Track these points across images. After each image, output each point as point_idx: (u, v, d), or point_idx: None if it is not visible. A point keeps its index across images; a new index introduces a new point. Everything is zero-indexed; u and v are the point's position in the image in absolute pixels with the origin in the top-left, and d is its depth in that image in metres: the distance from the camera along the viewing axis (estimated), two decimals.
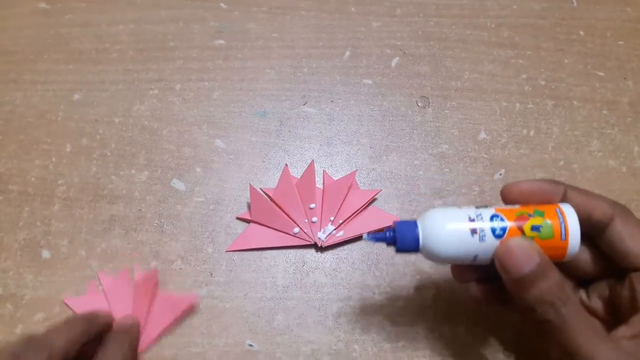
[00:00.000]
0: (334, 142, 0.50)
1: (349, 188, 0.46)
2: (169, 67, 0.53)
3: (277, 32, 0.55)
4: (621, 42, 0.55)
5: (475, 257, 0.32)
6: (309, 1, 0.57)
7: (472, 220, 0.32)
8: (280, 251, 0.45)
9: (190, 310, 0.43)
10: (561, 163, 0.49)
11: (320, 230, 0.45)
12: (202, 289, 0.44)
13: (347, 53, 0.54)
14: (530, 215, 0.32)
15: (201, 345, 0.42)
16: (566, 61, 0.54)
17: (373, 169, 0.49)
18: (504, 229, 0.31)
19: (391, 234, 0.33)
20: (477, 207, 0.33)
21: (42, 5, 0.56)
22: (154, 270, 0.44)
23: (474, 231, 0.32)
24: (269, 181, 0.48)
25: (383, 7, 0.56)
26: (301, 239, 0.45)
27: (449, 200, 0.47)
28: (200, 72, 0.53)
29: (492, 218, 0.32)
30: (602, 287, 0.34)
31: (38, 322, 0.43)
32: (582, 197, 0.33)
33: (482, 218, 0.32)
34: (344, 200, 0.46)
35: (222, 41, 0.54)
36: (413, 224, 0.33)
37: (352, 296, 0.44)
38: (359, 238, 0.46)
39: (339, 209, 0.45)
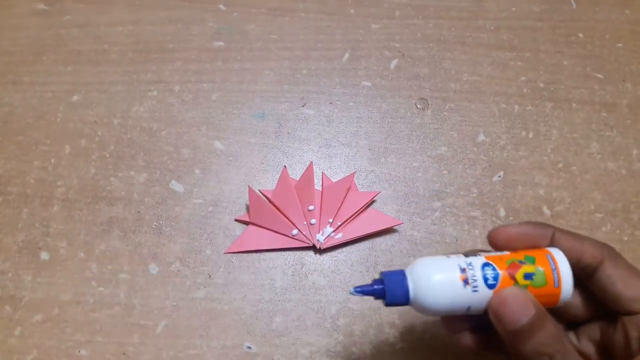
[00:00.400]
0: (332, 144, 0.50)
1: (348, 190, 0.46)
2: (168, 68, 0.53)
3: (276, 34, 0.55)
4: (620, 44, 0.55)
5: (469, 308, 0.31)
6: (308, 3, 0.57)
7: (462, 270, 0.31)
8: (278, 253, 0.45)
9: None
10: (560, 165, 0.49)
11: (319, 232, 0.45)
12: (200, 290, 0.44)
13: (346, 55, 0.54)
14: (521, 263, 0.31)
15: (199, 347, 0.42)
16: (565, 63, 0.54)
17: (372, 170, 0.49)
18: (496, 278, 0.30)
19: (379, 286, 0.32)
20: (466, 255, 0.32)
21: (41, 6, 0.56)
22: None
23: (466, 282, 0.30)
24: (268, 183, 0.48)
25: (382, 9, 0.56)
26: (300, 241, 0.45)
27: (447, 202, 0.47)
28: (199, 73, 0.53)
29: (483, 267, 0.31)
30: (593, 329, 0.33)
31: (37, 323, 0.43)
32: (570, 240, 0.32)
33: (472, 267, 0.31)
34: (342, 202, 0.46)
35: (221, 43, 0.54)
36: (401, 276, 0.32)
37: (351, 298, 0.44)
38: (357, 240, 0.46)
39: (337, 211, 0.45)
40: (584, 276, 0.32)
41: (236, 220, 0.47)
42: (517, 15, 0.57)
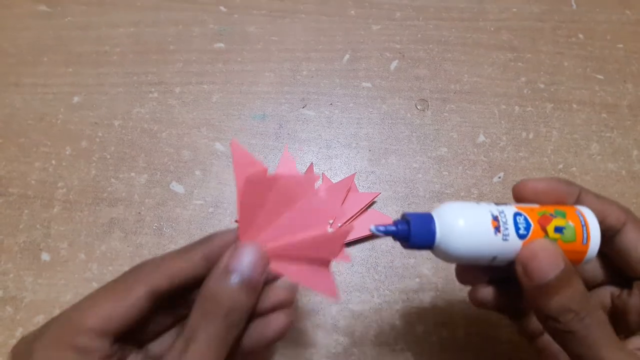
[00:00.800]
0: (333, 145, 0.50)
1: (348, 191, 0.46)
2: (169, 70, 0.53)
3: (277, 35, 0.55)
4: (621, 45, 0.55)
5: (494, 258, 0.29)
6: (308, 4, 0.57)
7: (495, 217, 0.29)
8: None
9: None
10: (560, 166, 0.49)
11: None
12: None
13: (347, 56, 0.54)
14: (552, 216, 0.30)
15: None
16: (565, 64, 0.54)
17: (372, 172, 0.49)
18: (528, 228, 0.29)
19: (404, 227, 0.30)
20: (497, 204, 0.30)
21: (42, 7, 0.56)
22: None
23: (497, 229, 0.29)
24: None
25: (382, 10, 0.57)
26: None
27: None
28: (199, 75, 0.53)
29: (515, 216, 0.29)
30: (603, 294, 0.33)
31: (38, 324, 0.42)
32: (596, 200, 0.31)
33: (505, 216, 0.29)
34: (342, 203, 0.46)
35: (221, 44, 0.54)
36: (429, 218, 0.30)
37: (351, 299, 0.44)
38: (357, 241, 0.46)
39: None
40: (605, 239, 0.31)
41: (236, 221, 0.46)
42: (517, 16, 0.57)
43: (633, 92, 0.53)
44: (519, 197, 0.32)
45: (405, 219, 0.30)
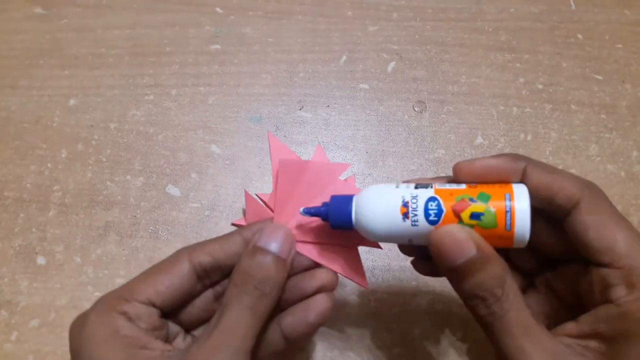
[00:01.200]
0: (330, 147, 0.50)
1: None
2: (165, 72, 0.53)
3: (273, 37, 0.55)
4: (619, 46, 0.55)
5: (410, 240, 0.30)
6: (305, 5, 0.56)
7: (405, 203, 0.29)
8: None
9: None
10: (559, 167, 0.49)
11: None
12: None
13: (344, 57, 0.54)
14: (472, 201, 0.29)
15: None
16: (564, 65, 0.54)
17: (369, 174, 0.49)
18: (438, 215, 0.29)
19: (327, 209, 0.32)
20: (417, 187, 0.30)
21: (38, 10, 0.56)
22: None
23: (405, 215, 0.29)
24: (265, 187, 0.48)
25: (380, 11, 0.56)
26: None
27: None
28: (196, 77, 0.53)
29: (427, 201, 0.29)
30: (574, 270, 0.31)
31: (33, 328, 0.43)
32: (544, 176, 0.29)
33: (416, 200, 0.29)
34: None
35: (217, 46, 0.54)
36: (347, 201, 0.32)
37: (348, 302, 0.43)
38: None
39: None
40: (559, 216, 0.29)
41: (233, 224, 0.46)
42: (515, 16, 0.56)
43: (632, 92, 0.52)
44: (458, 180, 0.31)
45: (332, 202, 0.32)
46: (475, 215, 0.28)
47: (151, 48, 0.54)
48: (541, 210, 0.30)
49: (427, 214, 0.29)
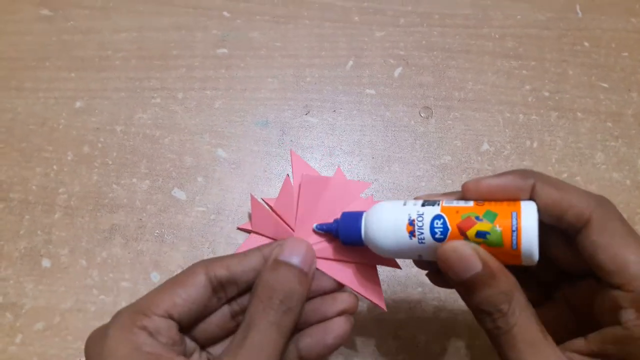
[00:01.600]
0: (335, 152, 0.50)
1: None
2: (172, 75, 0.53)
3: (280, 41, 0.55)
4: (626, 54, 0.55)
5: (420, 256, 0.31)
6: (312, 10, 0.56)
7: (411, 221, 0.30)
8: None
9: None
10: (564, 175, 0.49)
11: None
12: None
13: (350, 63, 0.54)
14: (478, 219, 0.28)
15: None
16: (570, 72, 0.54)
17: (375, 179, 0.49)
18: (444, 233, 0.29)
19: (338, 226, 0.33)
20: (424, 204, 0.31)
21: (45, 12, 0.56)
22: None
23: (412, 233, 0.30)
24: (271, 191, 0.48)
25: (386, 16, 0.56)
26: None
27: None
28: (202, 80, 0.53)
29: (433, 219, 0.29)
30: (589, 285, 0.30)
31: (38, 331, 0.43)
32: (553, 193, 0.28)
33: (422, 219, 0.30)
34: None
35: (224, 50, 0.54)
36: (358, 217, 0.32)
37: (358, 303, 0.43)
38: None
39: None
40: (571, 232, 0.29)
41: (238, 228, 0.46)
42: (522, 23, 0.56)
43: (638, 101, 0.53)
44: (467, 196, 0.31)
45: (342, 218, 0.33)
46: (481, 234, 0.28)
47: (158, 51, 0.54)
48: (553, 226, 0.30)
49: (432, 232, 0.29)
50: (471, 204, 0.30)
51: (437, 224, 0.29)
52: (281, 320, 0.29)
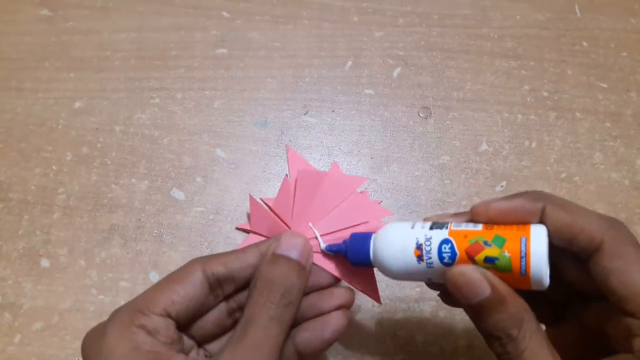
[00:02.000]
0: (334, 153, 0.50)
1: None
2: (171, 75, 0.53)
3: (279, 42, 0.55)
4: (625, 54, 0.55)
5: (429, 279, 0.31)
6: (311, 10, 0.56)
7: (419, 246, 0.30)
8: None
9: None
10: (563, 175, 0.49)
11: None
12: None
13: (349, 63, 0.54)
14: (486, 244, 0.28)
15: None
16: (569, 72, 0.54)
17: (374, 179, 0.49)
18: (452, 258, 0.29)
19: (346, 247, 0.33)
20: (432, 227, 0.30)
21: (44, 12, 0.56)
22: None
23: (420, 258, 0.30)
24: (269, 191, 0.48)
25: (385, 16, 0.56)
26: None
27: (449, 212, 0.47)
28: (201, 81, 0.53)
29: (441, 244, 0.29)
30: (604, 307, 0.30)
31: (37, 331, 0.43)
32: (564, 217, 0.28)
33: (430, 243, 0.29)
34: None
35: (224, 50, 0.54)
36: (366, 239, 0.32)
37: (351, 309, 0.43)
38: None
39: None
40: (583, 256, 0.28)
41: (237, 228, 0.46)
42: (521, 23, 0.56)
43: (637, 101, 0.53)
44: (476, 220, 0.30)
45: (351, 240, 0.33)
46: (489, 259, 0.28)
47: (157, 51, 0.54)
48: (565, 249, 0.29)
49: (440, 257, 0.29)
50: (480, 227, 0.29)
51: (445, 248, 0.29)
52: (282, 314, 0.29)
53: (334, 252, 0.34)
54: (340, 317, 0.33)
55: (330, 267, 0.35)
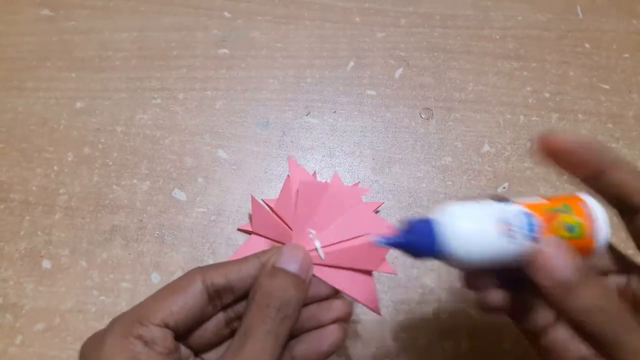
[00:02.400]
0: (336, 154, 0.50)
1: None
2: (172, 75, 0.53)
3: (281, 42, 0.55)
4: (627, 55, 0.55)
5: (504, 261, 0.28)
6: (313, 11, 0.56)
7: (501, 219, 0.27)
8: None
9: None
10: (566, 177, 0.49)
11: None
12: None
13: (351, 63, 0.54)
14: (560, 211, 0.27)
15: None
16: (571, 74, 0.54)
17: (375, 180, 0.49)
18: (538, 230, 0.27)
19: (409, 237, 0.28)
20: (498, 202, 0.28)
21: (46, 12, 0.56)
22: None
23: (505, 232, 0.27)
24: (271, 192, 0.48)
25: (388, 17, 0.56)
26: None
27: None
28: (203, 81, 0.53)
29: (523, 216, 0.27)
30: (614, 282, 0.30)
31: (38, 332, 0.43)
32: (624, 176, 0.27)
33: (512, 217, 0.27)
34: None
35: (225, 50, 0.54)
36: (430, 225, 0.28)
37: (353, 311, 0.43)
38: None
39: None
40: (625, 217, 0.28)
41: (239, 229, 0.46)
42: (523, 24, 0.56)
43: (639, 102, 0.53)
44: (544, 153, 0.29)
45: (409, 227, 0.29)
46: (568, 227, 0.27)
47: (158, 51, 0.54)
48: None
49: (524, 229, 0.27)
50: (544, 201, 0.28)
51: (528, 220, 0.27)
52: (278, 328, 0.29)
53: (391, 245, 0.29)
54: (338, 330, 0.33)
55: (330, 279, 0.35)
